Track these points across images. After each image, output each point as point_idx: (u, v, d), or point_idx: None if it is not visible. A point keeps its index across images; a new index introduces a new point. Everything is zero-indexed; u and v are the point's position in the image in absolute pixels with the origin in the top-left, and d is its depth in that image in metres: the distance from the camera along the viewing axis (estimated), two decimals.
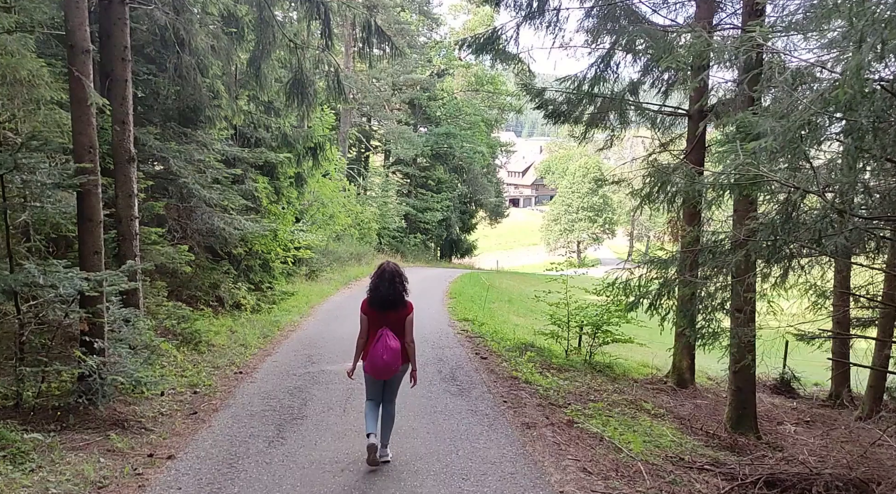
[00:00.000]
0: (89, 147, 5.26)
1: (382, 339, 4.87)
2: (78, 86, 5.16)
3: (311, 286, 16.63)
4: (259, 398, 6.73)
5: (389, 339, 4.88)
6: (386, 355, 4.83)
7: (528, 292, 25.92)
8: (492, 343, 10.95)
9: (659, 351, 14.78)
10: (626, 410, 7.99)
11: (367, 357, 4.95)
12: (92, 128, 5.28)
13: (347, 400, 6.80)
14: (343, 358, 8.91)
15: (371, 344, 4.92)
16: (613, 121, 12.08)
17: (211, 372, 7.58)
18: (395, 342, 4.90)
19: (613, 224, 69.42)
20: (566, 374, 9.73)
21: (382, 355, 4.82)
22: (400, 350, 4.93)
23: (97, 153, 5.32)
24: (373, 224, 26.68)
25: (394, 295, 4.96)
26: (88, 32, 5.18)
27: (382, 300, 4.97)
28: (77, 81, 5.17)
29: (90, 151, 5.27)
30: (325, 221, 19.36)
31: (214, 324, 10.10)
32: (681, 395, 10.15)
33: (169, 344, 7.22)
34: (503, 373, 8.64)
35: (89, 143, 5.26)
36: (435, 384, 7.75)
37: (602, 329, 11.46)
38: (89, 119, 5.23)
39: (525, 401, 7.27)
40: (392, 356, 4.85)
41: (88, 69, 5.16)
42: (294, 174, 13.87)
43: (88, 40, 5.20)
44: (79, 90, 5.16)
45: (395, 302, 4.97)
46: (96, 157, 5.32)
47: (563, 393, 8.20)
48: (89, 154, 5.26)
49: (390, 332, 4.93)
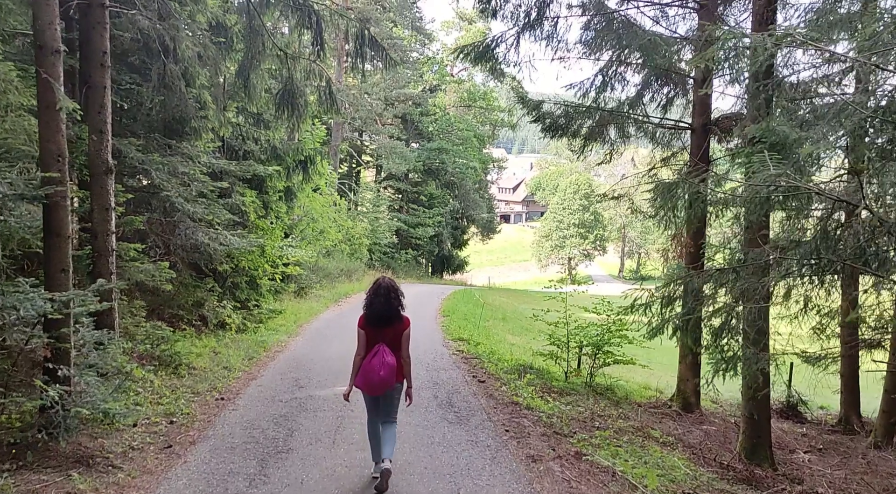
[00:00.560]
0: (58, 155, 4.81)
1: (379, 355, 4.85)
2: (46, 90, 4.71)
3: (300, 303, 16.11)
4: (241, 428, 6.22)
5: (386, 355, 4.86)
6: (382, 371, 4.80)
7: (522, 310, 25.48)
8: (489, 364, 10.49)
9: (659, 373, 14.36)
10: (634, 438, 7.53)
11: (361, 374, 4.90)
12: (61, 134, 4.83)
13: (337, 431, 6.31)
14: (333, 381, 8.41)
15: (367, 359, 4.88)
16: (612, 135, 11.74)
17: (190, 398, 7.06)
18: (392, 357, 4.87)
19: (604, 240, 69.33)
20: (568, 398, 9.27)
21: (379, 371, 4.80)
22: (396, 366, 4.89)
23: (66, 162, 4.86)
24: (364, 239, 26.20)
25: (389, 311, 4.96)
26: (58, 32, 4.74)
27: (378, 315, 4.95)
28: (45, 84, 4.72)
29: (58, 160, 4.81)
30: (316, 237, 18.88)
31: (196, 345, 9.58)
32: (687, 420, 9.71)
33: (142, 369, 6.70)
34: (503, 398, 8.17)
35: (58, 151, 4.80)
36: (431, 410, 7.27)
37: (603, 349, 11.03)
38: (58, 125, 4.77)
39: (528, 430, 6.81)
40: (388, 372, 4.82)
41: (58, 71, 4.72)
42: (283, 188, 13.42)
43: (59, 40, 4.76)
44: (47, 94, 4.72)
45: (391, 317, 4.96)
46: (65, 167, 4.86)
47: (567, 419, 7.75)
48: (57, 163, 4.80)
49: (387, 348, 4.90)
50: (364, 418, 6.46)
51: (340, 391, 7.99)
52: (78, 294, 4.86)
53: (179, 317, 10.42)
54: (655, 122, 11.11)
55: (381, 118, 29.51)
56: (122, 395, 5.87)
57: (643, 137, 12.10)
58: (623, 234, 71.41)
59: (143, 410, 6.22)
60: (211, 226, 10.33)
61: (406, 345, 5.01)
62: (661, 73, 10.70)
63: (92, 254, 7.11)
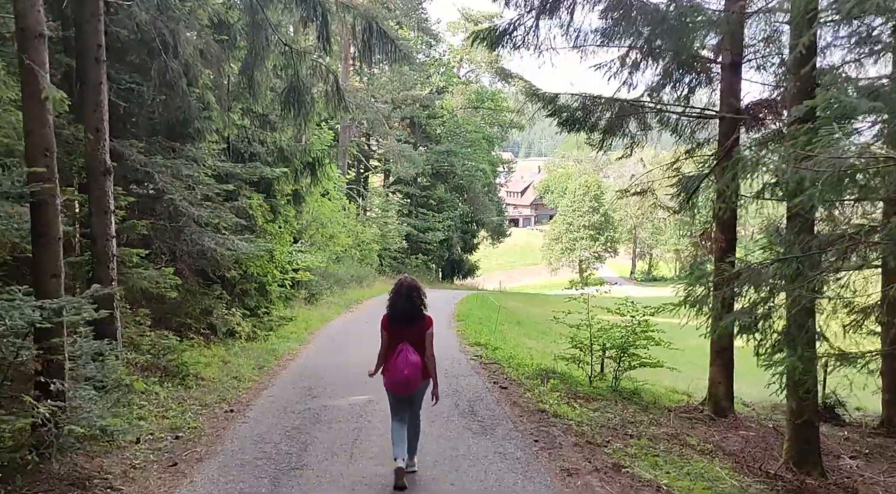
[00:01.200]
0: (44, 149, 4.40)
1: (403, 354, 4.85)
2: (30, 78, 4.31)
3: (311, 310, 15.69)
4: (252, 442, 5.78)
5: (410, 354, 4.86)
6: (406, 370, 4.81)
7: (537, 313, 24.96)
8: (509, 370, 10.01)
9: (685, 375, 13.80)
10: (671, 447, 7.04)
11: (387, 372, 4.94)
12: (48, 127, 4.42)
13: (355, 443, 5.85)
14: (347, 390, 7.97)
15: (391, 359, 4.90)
16: (633, 127, 11.24)
17: (198, 411, 6.63)
18: (416, 356, 4.87)
19: (615, 242, 68.57)
20: (595, 404, 8.78)
21: (403, 370, 4.80)
22: (420, 364, 4.90)
23: (54, 157, 4.46)
24: (374, 245, 25.80)
25: (412, 310, 4.97)
26: (42, 14, 4.34)
27: (400, 315, 4.97)
28: (29, 72, 4.32)
29: (46, 155, 4.41)
30: (325, 242, 18.48)
31: (205, 355, 9.17)
32: (721, 426, 9.19)
33: (144, 382, 6.28)
34: (528, 406, 7.70)
35: (44, 145, 4.40)
36: (453, 420, 6.81)
37: (628, 352, 10.53)
38: (44, 116, 4.37)
39: (559, 440, 6.33)
40: (412, 370, 4.83)
41: (42, 57, 4.31)
42: (291, 191, 13.03)
43: (42, 23, 4.36)
44: (31, 82, 4.31)
45: (414, 316, 4.98)
46: (53, 162, 4.45)
47: (597, 427, 7.27)
48: (44, 157, 4.39)
49: (410, 347, 4.89)
50: (382, 428, 6.01)
51: (356, 400, 7.57)
52: (71, 301, 4.44)
53: (187, 326, 10.01)
54: (679, 111, 10.61)
55: (389, 121, 29.16)
56: (122, 410, 5.46)
57: (664, 130, 11.59)
58: (634, 236, 70.65)
59: (147, 425, 5.79)
60: (218, 231, 9.94)
61: (430, 344, 4.99)
62: (684, 61, 10.22)
63: (91, 260, 6.71)
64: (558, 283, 63.89)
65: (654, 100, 10.65)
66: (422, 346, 4.94)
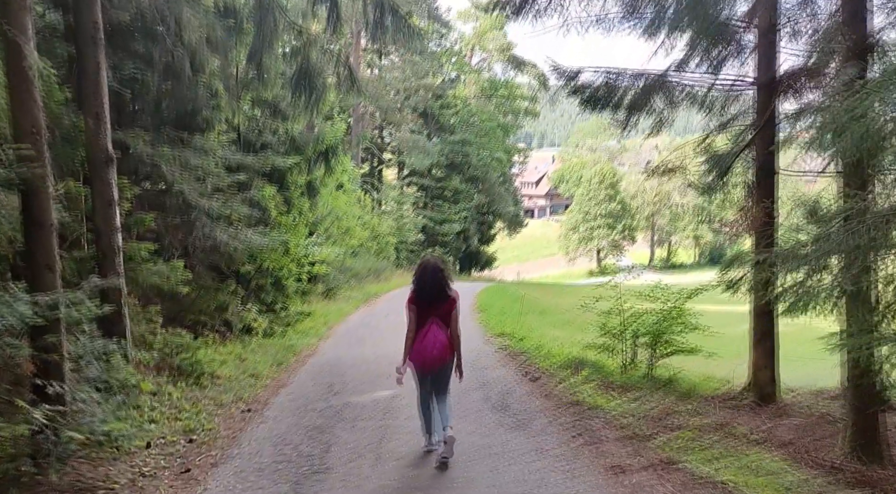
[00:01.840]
0: (32, 128, 3.99)
1: (431, 332, 4.92)
2: (13, 49, 3.90)
3: (329, 305, 15.32)
4: (270, 444, 5.37)
5: (437, 332, 4.94)
6: (435, 347, 4.89)
7: (559, 303, 24.43)
8: (538, 360, 9.53)
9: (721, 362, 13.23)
10: (720, 438, 6.53)
11: (414, 351, 4.96)
12: (35, 103, 4.01)
13: (381, 442, 5.42)
14: (371, 386, 7.56)
15: (419, 337, 4.95)
16: (659, 103, 10.66)
17: (213, 411, 6.24)
18: (443, 334, 4.96)
19: (633, 230, 67.64)
20: (632, 394, 8.27)
21: (432, 348, 4.88)
22: (448, 342, 4.98)
23: (43, 137, 4.06)
24: (390, 238, 25.38)
25: (437, 287, 5.03)
26: None
27: (427, 293, 5.02)
28: (13, 44, 3.90)
29: (33, 134, 4.00)
30: (341, 235, 18.09)
31: (221, 352, 8.80)
32: (767, 413, 8.64)
33: (150, 383, 5.88)
34: (562, 397, 7.22)
35: (32, 124, 3.99)
36: (485, 415, 6.35)
37: (663, 339, 10.00)
38: (30, 91, 3.96)
39: (601, 434, 5.85)
40: (441, 348, 4.92)
41: (25, 24, 3.90)
42: (305, 183, 12.62)
43: None
44: (15, 53, 3.91)
45: (440, 294, 5.03)
46: (42, 143, 4.05)
47: (639, 418, 6.77)
48: (32, 136, 3.99)
49: (437, 325, 4.97)
50: (409, 426, 5.60)
51: (380, 396, 7.15)
52: (67, 295, 4.03)
53: (202, 323, 9.65)
54: (709, 83, 10.02)
55: (401, 113, 28.69)
56: (130, 413, 5.08)
57: (691, 107, 11.00)
58: (652, 223, 69.65)
59: (158, 428, 5.40)
60: (230, 224, 9.55)
61: (456, 321, 5.06)
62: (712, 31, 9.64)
63: (97, 255, 6.33)
64: (576, 273, 63.25)
65: (682, 72, 10.10)
66: (447, 323, 5.01)
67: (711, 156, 10.37)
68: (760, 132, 9.25)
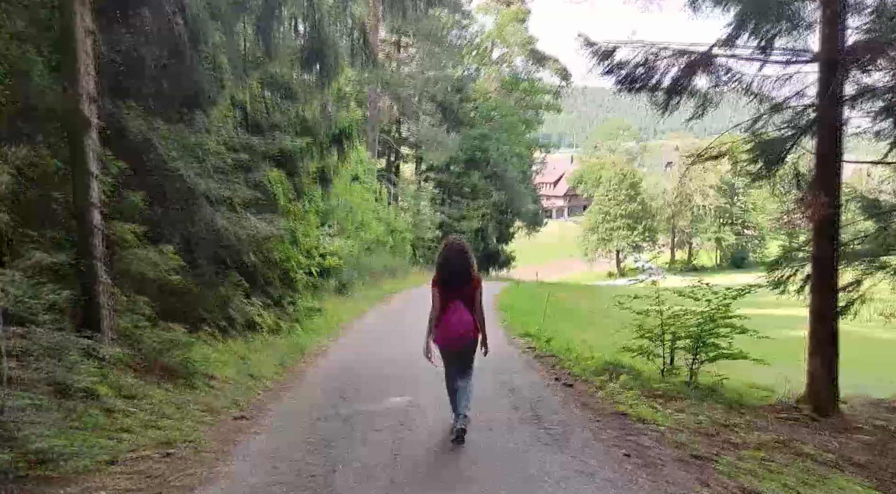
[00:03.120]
0: None
1: (457, 312, 5.00)
2: None
3: (342, 302, 14.49)
4: (266, 461, 4.51)
5: (463, 312, 5.02)
6: (461, 327, 4.99)
7: (583, 304, 23.46)
8: (569, 364, 8.63)
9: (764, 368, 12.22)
10: (789, 459, 5.61)
11: (440, 330, 5.04)
12: None
13: (396, 462, 4.55)
14: (385, 391, 6.71)
15: (444, 318, 5.01)
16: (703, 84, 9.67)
17: (201, 418, 5.40)
18: (468, 314, 5.04)
19: (653, 232, 66.41)
20: (677, 404, 7.36)
21: (458, 327, 4.98)
22: (473, 321, 5.06)
23: None
24: (407, 234, 24.54)
25: (462, 268, 5.09)
26: None
27: (451, 274, 5.09)
28: None
29: None
30: (355, 230, 17.27)
31: (220, 350, 8.00)
32: (828, 428, 7.66)
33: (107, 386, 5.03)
34: (602, 408, 6.31)
35: None
36: (516, 427, 5.46)
37: (707, 342, 9.06)
38: None
39: (655, 453, 4.94)
40: (467, 327, 5.01)
41: None
42: (317, 170, 11.79)
43: None
44: None
45: (464, 274, 5.09)
46: None
47: (692, 433, 5.87)
48: None
49: (462, 305, 5.03)
50: (428, 441, 4.77)
51: (395, 403, 6.29)
52: None
53: (202, 318, 8.85)
54: (761, 58, 9.02)
55: (420, 104, 27.84)
56: (97, 420, 4.24)
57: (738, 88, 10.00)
58: (672, 225, 68.32)
59: (131, 439, 4.57)
60: (233, 210, 8.74)
61: (480, 301, 5.12)
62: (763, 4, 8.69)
63: (72, 236, 5.53)
64: (596, 275, 62.00)
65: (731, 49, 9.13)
66: (472, 304, 5.06)
67: (760, 142, 9.42)
68: (822, 113, 8.29)
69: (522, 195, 36.67)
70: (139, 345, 6.26)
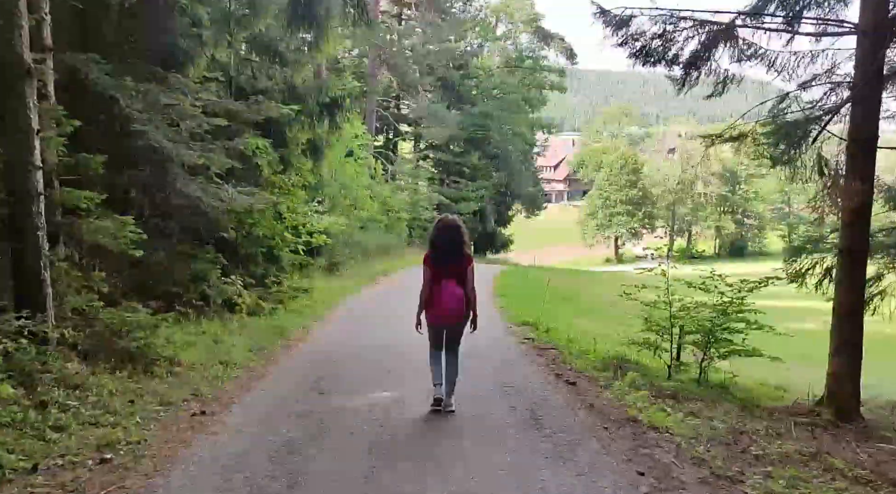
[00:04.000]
0: None
1: (448, 288, 5.02)
2: None
3: (331, 281, 13.79)
4: (217, 470, 3.83)
5: (454, 287, 5.03)
6: (452, 303, 5.00)
7: (583, 290, 22.79)
8: (571, 357, 7.96)
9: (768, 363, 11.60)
10: (821, 477, 4.95)
11: (431, 306, 5.08)
12: None
13: (372, 474, 3.86)
14: (370, 384, 6.06)
15: (436, 293, 5.05)
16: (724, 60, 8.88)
17: (152, 413, 4.71)
18: (459, 290, 5.05)
19: (653, 218, 65.92)
20: (688, 406, 6.71)
21: (449, 303, 5.00)
22: (463, 298, 5.07)
23: None
24: (403, 214, 23.78)
25: (453, 246, 5.12)
26: None
27: (443, 252, 5.13)
28: None
29: None
30: (349, 206, 16.51)
31: (192, 332, 7.32)
32: (852, 436, 7.01)
33: (45, 374, 4.34)
34: (611, 411, 5.64)
35: None
36: (512, 434, 4.79)
37: (719, 337, 8.40)
38: None
39: (674, 471, 4.27)
40: (458, 303, 5.03)
41: None
42: (307, 141, 11.02)
43: None
44: None
45: (456, 252, 5.12)
46: None
47: (709, 443, 5.21)
48: None
49: (453, 282, 5.05)
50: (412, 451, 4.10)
51: (379, 399, 5.61)
52: None
53: (175, 295, 8.16)
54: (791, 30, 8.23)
55: (421, 81, 26.91)
56: (15, 417, 3.56)
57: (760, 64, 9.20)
58: (673, 212, 67.74)
59: (63, 439, 3.88)
60: (210, 179, 8.01)
61: (471, 279, 5.15)
62: None
63: (8, 200, 4.80)
64: (593, 260, 61.39)
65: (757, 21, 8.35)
66: (463, 282, 5.07)
67: (784, 123, 8.70)
68: (860, 91, 7.54)
69: (523, 177, 35.87)
70: (92, 327, 5.57)
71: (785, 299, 13.64)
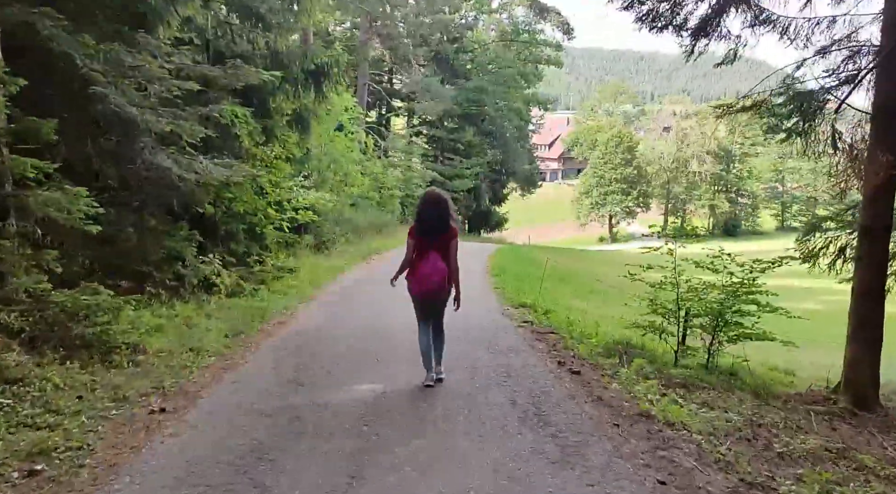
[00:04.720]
0: None
1: (431, 261, 5.03)
2: None
3: (319, 260, 13.17)
4: (169, 484, 3.27)
5: (437, 261, 5.03)
6: (435, 276, 5.02)
7: (579, 269, 22.31)
8: (573, 342, 7.42)
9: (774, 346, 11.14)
10: (852, 475, 4.47)
11: (414, 278, 5.09)
12: None
13: (352, 486, 3.31)
14: (353, 376, 5.50)
15: (419, 265, 5.07)
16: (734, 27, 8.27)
17: (103, 411, 4.13)
18: (442, 263, 5.06)
19: (647, 197, 65.62)
20: (699, 395, 6.22)
21: (432, 276, 5.02)
22: (446, 271, 5.07)
23: None
24: (395, 191, 23.12)
25: (439, 220, 5.12)
26: None
27: (428, 225, 5.14)
28: None
29: None
30: (339, 182, 15.85)
31: (160, 315, 6.72)
32: (874, 426, 6.55)
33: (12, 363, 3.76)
34: (620, 405, 5.11)
35: None
36: (513, 433, 4.24)
37: (728, 321, 7.90)
38: None
39: (697, 478, 3.75)
40: (440, 276, 5.04)
41: None
42: (292, 111, 10.33)
43: None
44: None
45: (441, 226, 5.12)
46: None
47: (728, 439, 4.71)
48: None
49: (437, 254, 5.05)
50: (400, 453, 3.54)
51: (363, 392, 5.03)
52: None
53: (146, 275, 7.56)
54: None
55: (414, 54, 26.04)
56: None
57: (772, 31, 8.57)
58: (667, 190, 67.44)
59: None
60: (183, 150, 7.35)
61: (454, 253, 5.13)
62: None
63: None
64: (587, 239, 60.97)
65: None
66: (447, 255, 5.07)
67: (798, 92, 8.14)
68: (887, 57, 6.97)
69: (518, 154, 35.17)
70: (42, 312, 4.97)
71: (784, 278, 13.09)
